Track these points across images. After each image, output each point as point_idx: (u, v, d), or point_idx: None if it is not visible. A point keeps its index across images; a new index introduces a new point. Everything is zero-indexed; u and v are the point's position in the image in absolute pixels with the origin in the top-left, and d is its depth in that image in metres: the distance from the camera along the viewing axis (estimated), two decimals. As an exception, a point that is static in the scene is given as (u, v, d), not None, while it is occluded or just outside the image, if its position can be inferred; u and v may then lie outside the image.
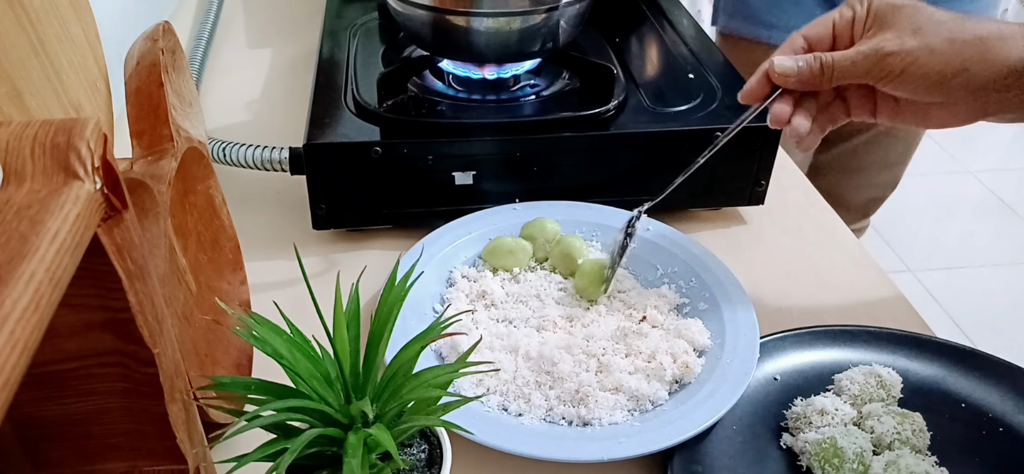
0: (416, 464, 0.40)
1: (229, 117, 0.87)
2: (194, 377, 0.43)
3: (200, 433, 0.39)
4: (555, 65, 0.76)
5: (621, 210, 0.67)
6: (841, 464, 0.48)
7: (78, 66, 0.47)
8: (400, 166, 0.65)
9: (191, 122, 0.51)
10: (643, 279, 0.63)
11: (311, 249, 0.69)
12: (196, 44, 0.94)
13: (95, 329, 0.33)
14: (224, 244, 0.57)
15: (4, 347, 0.22)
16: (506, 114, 0.69)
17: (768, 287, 0.65)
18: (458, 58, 0.73)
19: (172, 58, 0.49)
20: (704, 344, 0.56)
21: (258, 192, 0.75)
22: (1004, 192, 2.34)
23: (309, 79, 0.74)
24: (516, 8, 0.68)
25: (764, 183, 0.71)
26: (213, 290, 0.55)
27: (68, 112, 0.45)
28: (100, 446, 0.37)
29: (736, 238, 0.72)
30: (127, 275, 0.31)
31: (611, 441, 0.49)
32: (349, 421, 0.37)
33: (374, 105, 0.67)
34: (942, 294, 1.95)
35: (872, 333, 0.58)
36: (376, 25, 0.84)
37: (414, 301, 0.58)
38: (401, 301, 0.40)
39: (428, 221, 0.67)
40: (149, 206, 0.43)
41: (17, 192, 0.27)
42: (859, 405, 0.52)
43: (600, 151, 0.67)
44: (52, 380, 0.34)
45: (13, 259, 0.24)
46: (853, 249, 0.71)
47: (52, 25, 0.44)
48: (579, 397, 0.52)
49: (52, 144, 0.28)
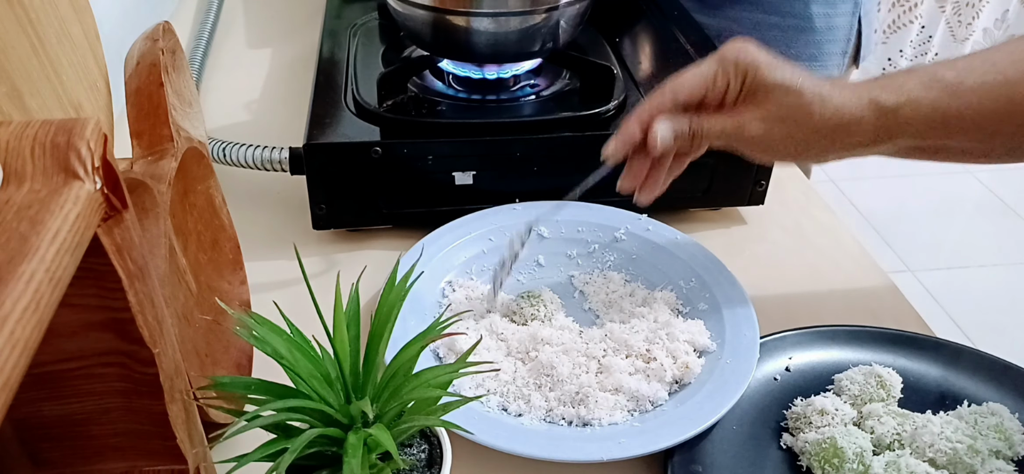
0: (416, 464, 0.40)
1: (229, 117, 0.87)
2: (194, 377, 0.43)
3: (200, 433, 0.39)
4: (555, 65, 0.76)
5: (621, 210, 0.67)
6: (841, 464, 0.48)
7: (78, 66, 0.47)
8: (400, 166, 0.65)
9: (191, 122, 0.51)
10: (644, 280, 0.63)
11: (311, 249, 0.69)
12: (196, 44, 0.94)
13: (95, 329, 0.33)
14: (224, 244, 0.57)
15: (4, 347, 0.22)
16: (506, 114, 0.69)
17: (768, 287, 0.65)
18: (458, 58, 0.73)
19: (172, 58, 0.49)
20: (704, 344, 0.56)
21: (258, 192, 0.75)
22: (1004, 192, 2.34)
23: (309, 79, 0.74)
24: (516, 8, 0.68)
25: (764, 183, 0.71)
26: (213, 290, 0.55)
27: (68, 112, 0.45)
28: (100, 446, 0.37)
29: (736, 238, 0.72)
30: (127, 275, 0.31)
31: (611, 441, 0.49)
32: (349, 421, 0.37)
33: (374, 105, 0.67)
34: (942, 294, 1.95)
35: (872, 333, 0.58)
36: (376, 25, 0.84)
37: (414, 301, 0.58)
38: (401, 301, 0.40)
39: (428, 221, 0.67)
40: (149, 206, 0.43)
41: (17, 192, 0.27)
42: (859, 405, 0.52)
43: (600, 151, 0.67)
44: (52, 380, 0.34)
45: (13, 259, 0.24)
46: (853, 249, 0.71)
47: (52, 25, 0.44)
48: (579, 398, 0.52)
49: (52, 144, 0.28)
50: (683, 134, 0.53)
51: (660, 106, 0.53)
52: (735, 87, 0.52)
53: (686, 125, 0.53)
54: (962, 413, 0.51)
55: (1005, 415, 0.51)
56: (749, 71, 0.51)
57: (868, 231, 2.16)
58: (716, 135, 0.53)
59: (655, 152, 0.53)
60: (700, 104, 0.53)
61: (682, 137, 0.53)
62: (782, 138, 0.51)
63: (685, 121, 0.53)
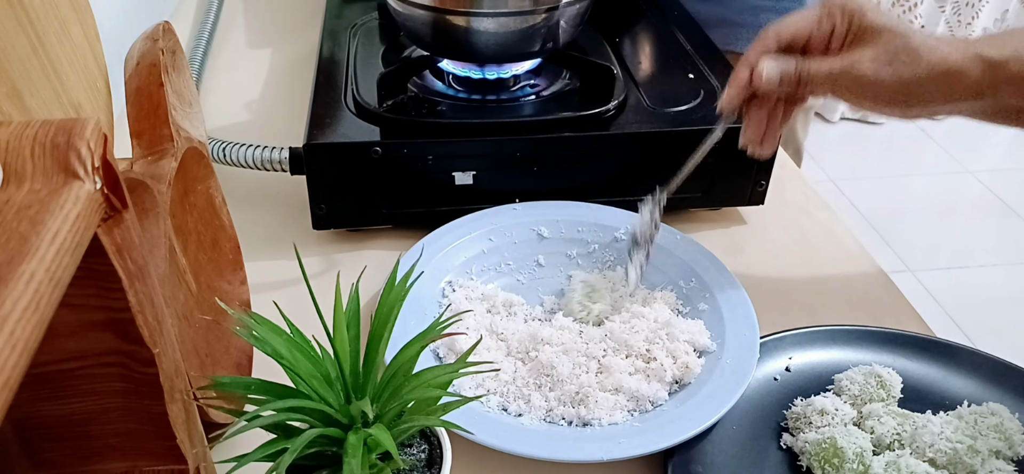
0: (416, 464, 0.40)
1: (229, 117, 0.87)
2: (194, 377, 0.43)
3: (200, 433, 0.39)
4: (555, 65, 0.76)
5: (621, 210, 0.67)
6: (841, 464, 0.48)
7: (78, 66, 0.47)
8: (400, 166, 0.65)
9: (191, 122, 0.51)
10: (644, 280, 0.63)
11: (311, 249, 0.69)
12: (196, 44, 0.94)
13: (95, 329, 0.33)
14: (224, 244, 0.57)
15: (4, 347, 0.22)
16: (506, 114, 0.69)
17: (768, 287, 0.65)
18: (458, 58, 0.73)
19: (172, 58, 0.49)
20: (704, 344, 0.56)
21: (258, 192, 0.75)
22: (1004, 192, 2.34)
23: (309, 79, 0.74)
24: (516, 8, 0.68)
25: (764, 183, 0.71)
26: (213, 290, 0.55)
27: (68, 112, 0.45)
28: (100, 446, 0.37)
29: (736, 238, 0.72)
30: (127, 275, 0.31)
31: (611, 441, 0.49)
32: (349, 421, 0.37)
33: (374, 105, 0.67)
34: (942, 294, 1.95)
35: (872, 333, 0.58)
36: (376, 25, 0.84)
37: (414, 301, 0.58)
38: (401, 301, 0.40)
39: (428, 221, 0.67)
40: (149, 206, 0.43)
41: (17, 192, 0.27)
42: (859, 405, 0.52)
43: (600, 151, 0.67)
44: (52, 380, 0.34)
45: (13, 259, 0.24)
46: (853, 249, 0.71)
47: (52, 25, 0.44)
48: (579, 398, 0.52)
49: (52, 144, 0.28)
50: (788, 74, 0.53)
51: (765, 47, 0.54)
52: (842, 29, 0.52)
53: (792, 66, 0.53)
54: (962, 413, 0.51)
55: (1005, 415, 0.51)
56: (856, 14, 0.52)
57: (868, 231, 2.16)
58: (824, 77, 0.52)
59: (760, 88, 0.54)
60: (805, 49, 0.54)
61: (788, 78, 0.53)
62: (891, 80, 0.51)
63: (792, 62, 0.53)
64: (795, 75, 0.53)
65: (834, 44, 0.53)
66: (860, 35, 0.52)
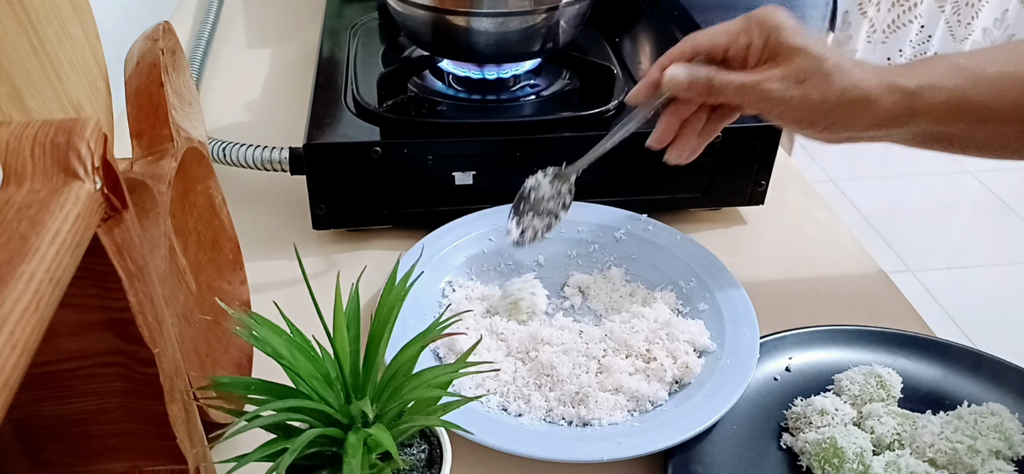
0: (416, 464, 0.40)
1: (229, 117, 0.87)
2: (194, 377, 0.43)
3: (200, 433, 0.39)
4: (555, 65, 0.76)
5: (621, 210, 0.67)
6: (841, 464, 0.48)
7: (78, 66, 0.47)
8: (400, 166, 0.65)
9: (191, 122, 0.51)
10: (644, 280, 0.63)
11: (311, 249, 0.69)
12: (196, 44, 0.94)
13: (95, 329, 0.33)
14: (224, 244, 0.57)
15: (4, 347, 0.22)
16: (506, 114, 0.69)
17: (768, 287, 0.65)
18: (458, 58, 0.73)
19: (172, 58, 0.49)
20: (704, 344, 0.56)
21: (258, 192, 0.75)
22: (1004, 192, 2.34)
23: (309, 79, 0.74)
24: (516, 8, 0.68)
25: (764, 183, 0.71)
26: (213, 290, 0.55)
27: (68, 112, 0.45)
28: (100, 446, 0.37)
29: (736, 238, 0.72)
30: (127, 275, 0.31)
31: (611, 441, 0.49)
32: (349, 421, 0.37)
33: (374, 105, 0.67)
34: (942, 294, 1.95)
35: (872, 333, 0.58)
36: (376, 25, 0.84)
37: (414, 301, 0.58)
38: (401, 301, 0.40)
39: (428, 221, 0.67)
40: (149, 206, 0.43)
41: (17, 192, 0.27)
42: (859, 405, 0.52)
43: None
44: (52, 380, 0.34)
45: (13, 259, 0.24)
46: (853, 249, 0.71)
47: (52, 25, 0.44)
48: (579, 398, 0.52)
49: (52, 144, 0.28)
50: (698, 80, 0.53)
51: (681, 53, 0.55)
52: (758, 45, 0.52)
53: (703, 73, 0.53)
54: (962, 413, 0.51)
55: (1005, 415, 0.51)
56: (773, 31, 0.52)
57: (868, 231, 2.16)
58: (735, 89, 0.53)
59: (664, 88, 0.54)
60: (723, 61, 0.54)
61: (697, 84, 0.53)
62: (799, 101, 0.51)
63: (703, 70, 0.53)
64: (705, 83, 0.53)
65: (751, 59, 0.53)
66: (776, 53, 0.52)
